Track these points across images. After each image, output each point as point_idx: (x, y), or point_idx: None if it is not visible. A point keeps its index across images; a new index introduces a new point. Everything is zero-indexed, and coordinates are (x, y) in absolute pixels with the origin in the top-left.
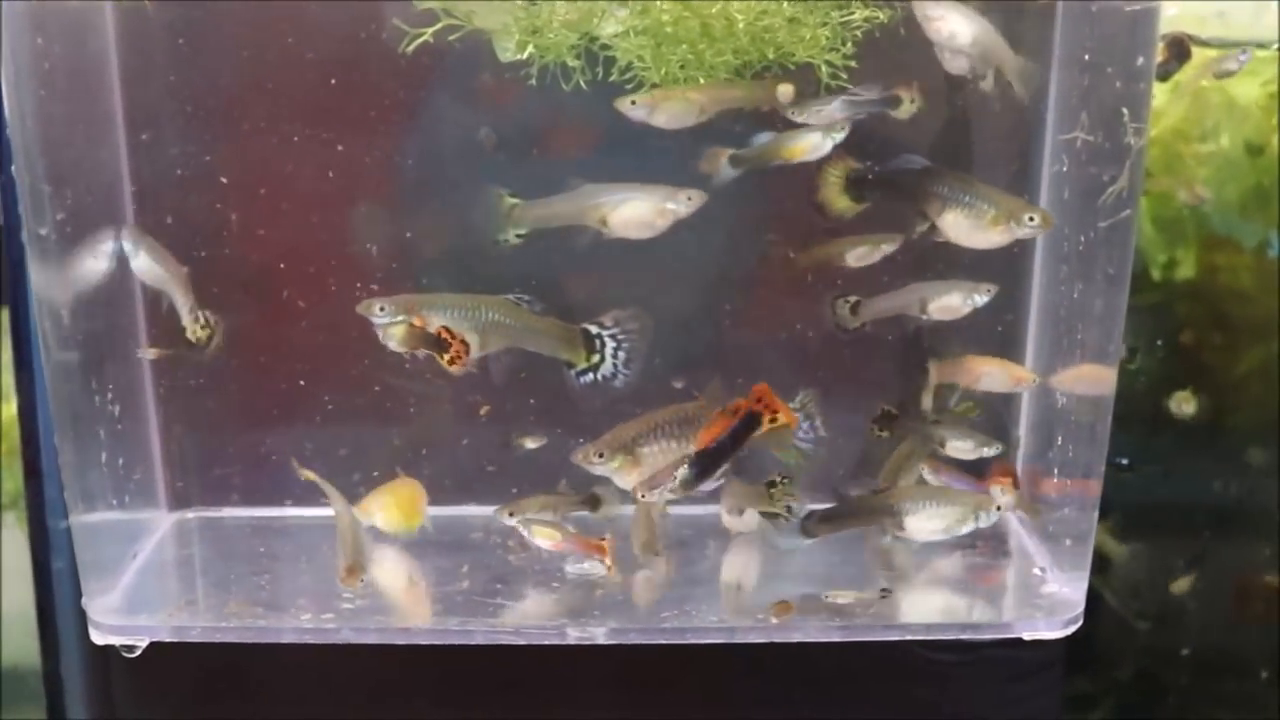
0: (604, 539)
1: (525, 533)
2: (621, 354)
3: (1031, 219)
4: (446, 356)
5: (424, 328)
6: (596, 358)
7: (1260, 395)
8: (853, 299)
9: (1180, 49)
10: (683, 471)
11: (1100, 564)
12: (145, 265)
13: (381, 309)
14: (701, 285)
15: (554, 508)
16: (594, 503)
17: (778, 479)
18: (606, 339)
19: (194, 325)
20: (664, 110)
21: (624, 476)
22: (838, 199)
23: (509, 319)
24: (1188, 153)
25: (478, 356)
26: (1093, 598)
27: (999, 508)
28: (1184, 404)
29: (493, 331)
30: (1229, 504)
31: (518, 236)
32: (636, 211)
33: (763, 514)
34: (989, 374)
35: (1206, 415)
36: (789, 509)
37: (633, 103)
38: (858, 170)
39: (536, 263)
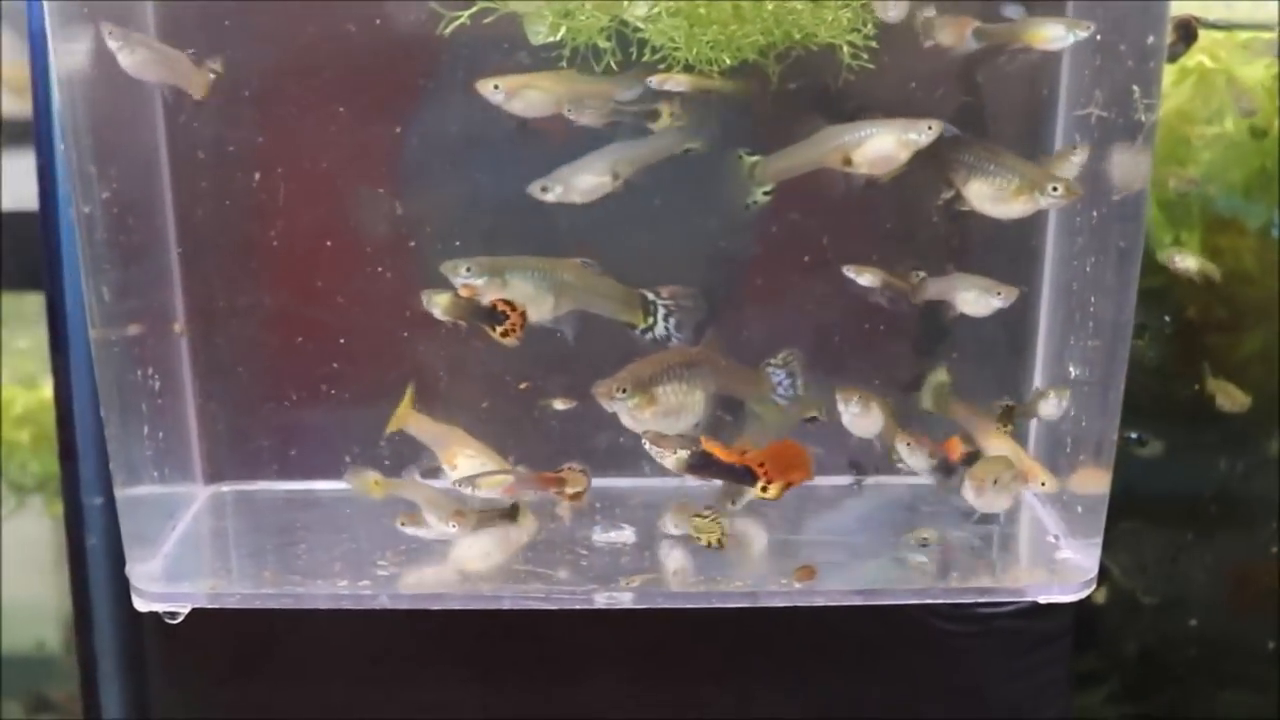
0: (561, 471)
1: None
2: (672, 320)
3: (1055, 189)
4: (501, 329)
5: (473, 298)
6: (651, 319)
7: (1263, 378)
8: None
9: (1187, 31)
10: (680, 455)
11: None
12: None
13: (468, 269)
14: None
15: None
16: (513, 514)
17: (706, 512)
18: (659, 305)
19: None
20: (522, 98)
21: (639, 414)
22: None
23: (580, 281)
24: (1193, 135)
25: (550, 318)
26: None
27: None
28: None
29: (566, 293)
30: (1231, 487)
31: (765, 194)
32: (880, 146)
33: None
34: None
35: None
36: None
37: (495, 87)
38: None
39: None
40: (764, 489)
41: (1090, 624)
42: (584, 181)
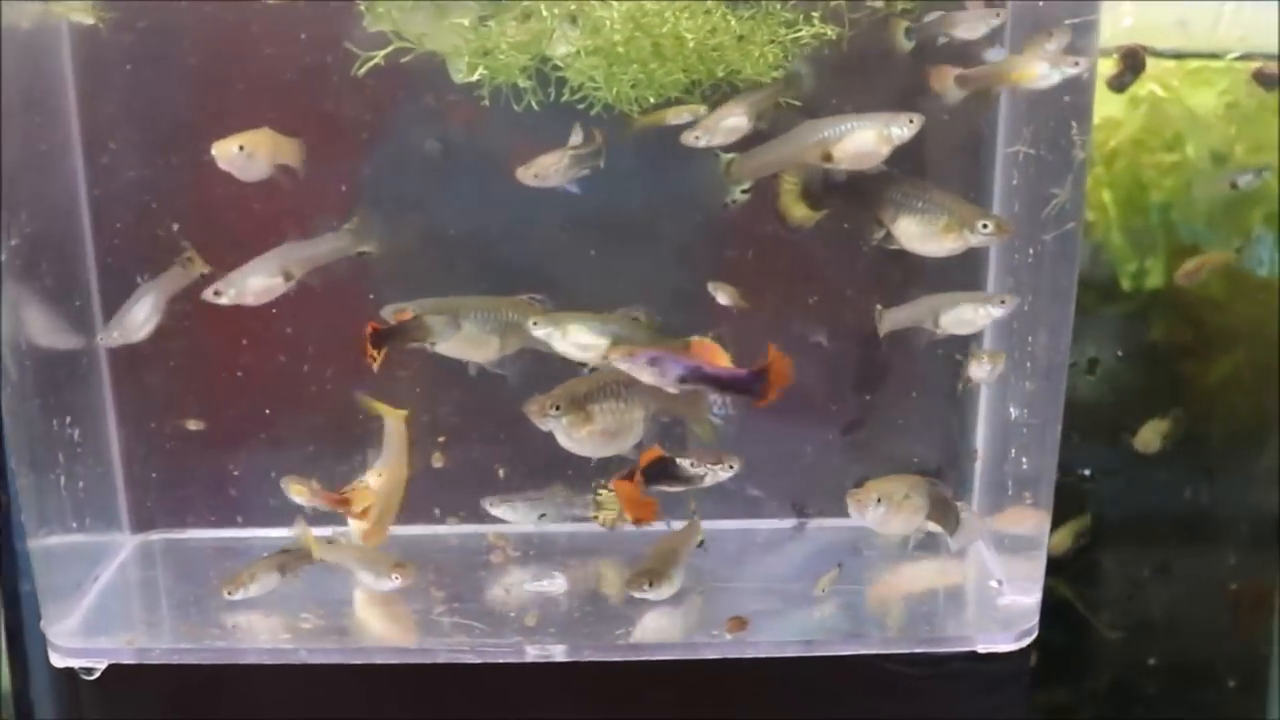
0: (351, 489)
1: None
2: None
3: (985, 226)
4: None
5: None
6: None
7: (1234, 403)
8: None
9: (1135, 60)
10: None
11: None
12: None
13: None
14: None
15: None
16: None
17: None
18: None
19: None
20: None
21: (574, 433)
22: (795, 207)
23: (526, 319)
24: (1150, 163)
25: (496, 360)
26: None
27: None
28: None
29: (512, 332)
30: (1201, 511)
31: (743, 192)
32: (861, 140)
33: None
34: None
35: (1179, 424)
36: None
37: None
38: (813, 178)
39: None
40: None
41: (1055, 659)
42: (256, 283)
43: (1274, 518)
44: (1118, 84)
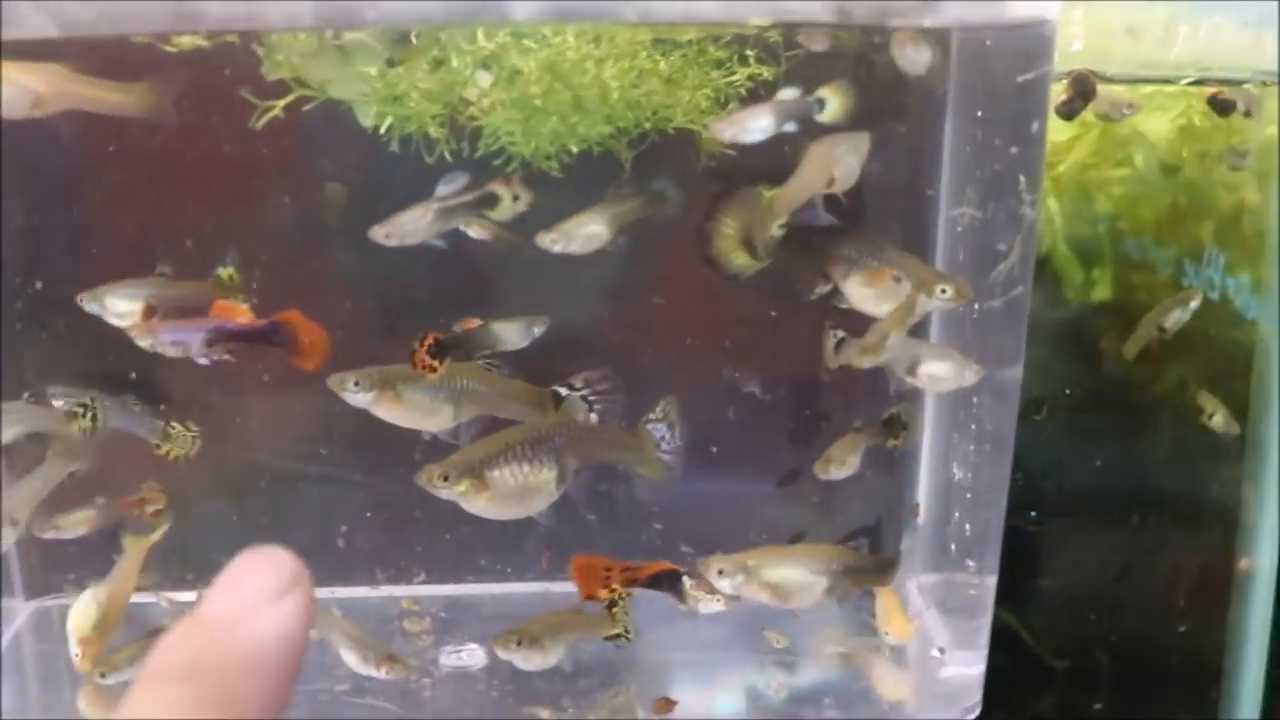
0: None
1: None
2: (594, 415)
3: (944, 290)
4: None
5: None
6: None
7: (1181, 414)
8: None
9: (1084, 86)
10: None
11: None
12: None
13: (356, 383)
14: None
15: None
16: None
17: (618, 597)
18: (578, 399)
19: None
20: None
21: (470, 502)
22: (735, 254)
23: (482, 386)
24: (1099, 178)
25: (450, 428)
26: None
27: None
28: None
29: (466, 400)
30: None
31: (780, 228)
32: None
33: (606, 638)
34: None
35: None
36: (627, 630)
37: None
38: (755, 224)
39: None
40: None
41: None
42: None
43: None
44: (1067, 110)
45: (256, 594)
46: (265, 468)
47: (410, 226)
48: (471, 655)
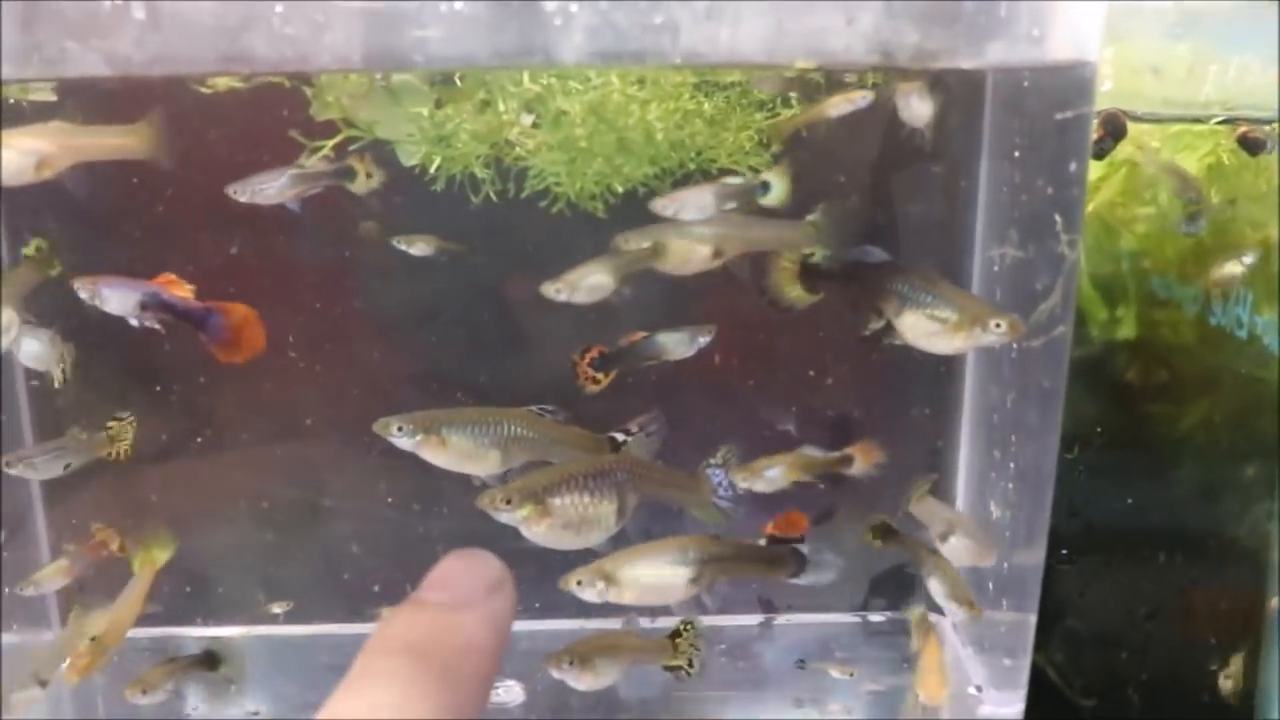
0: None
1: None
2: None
3: (998, 325)
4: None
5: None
6: None
7: (1204, 450)
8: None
9: (1115, 125)
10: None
11: None
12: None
13: (399, 428)
14: None
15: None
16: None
17: (683, 627)
18: (642, 440)
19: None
20: None
21: (532, 528)
22: (790, 287)
23: (533, 432)
24: (1126, 216)
25: (499, 473)
26: None
27: None
28: None
29: (515, 446)
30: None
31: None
32: None
33: (666, 668)
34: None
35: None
36: (691, 662)
37: None
38: (813, 259)
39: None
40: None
41: None
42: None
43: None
44: (1098, 149)
45: (471, 587)
46: (302, 504)
47: (264, 187)
48: (509, 692)
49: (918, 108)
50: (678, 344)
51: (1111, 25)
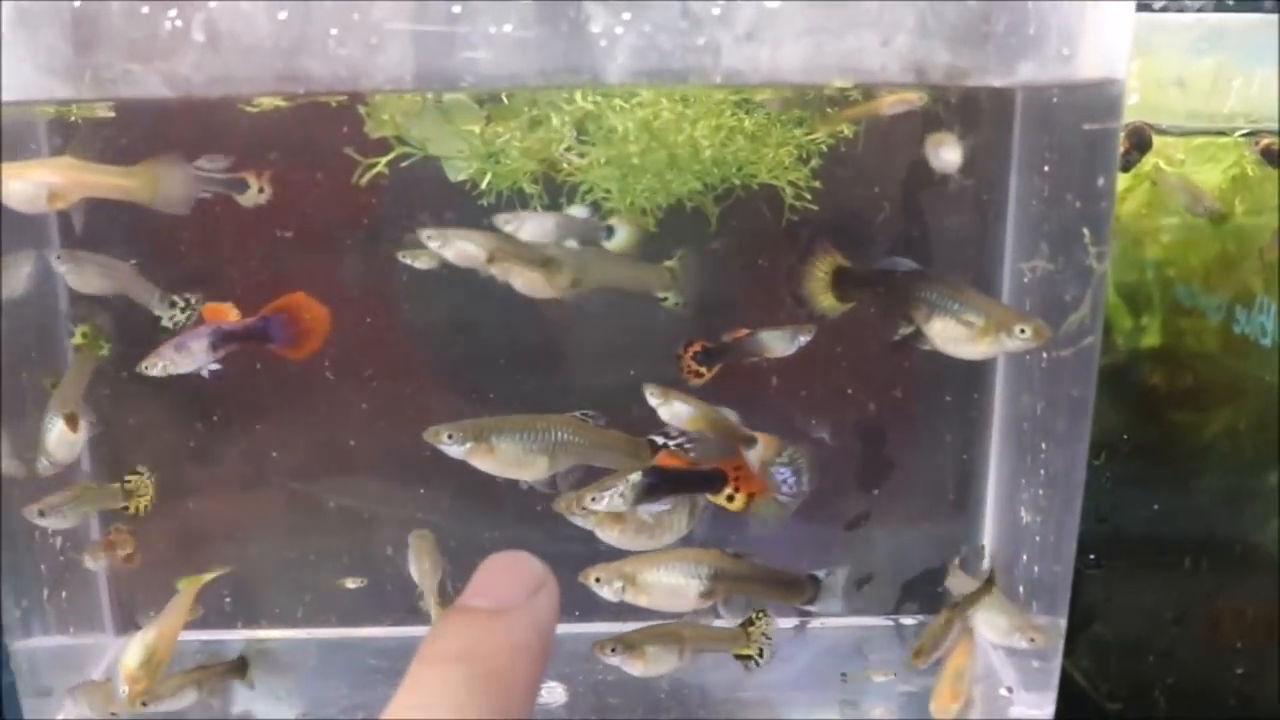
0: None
1: None
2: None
3: (1023, 330)
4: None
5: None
6: None
7: (1228, 457)
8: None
9: (1141, 138)
10: (635, 479)
11: None
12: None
13: (449, 436)
14: None
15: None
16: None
17: (755, 614)
18: (673, 449)
19: (170, 311)
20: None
21: (607, 531)
22: (822, 295)
23: (577, 436)
24: (1150, 226)
25: (545, 478)
26: None
27: None
28: None
29: (561, 452)
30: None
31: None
32: None
33: (737, 656)
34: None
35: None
36: (761, 651)
37: None
38: (845, 268)
39: None
40: (730, 498)
41: None
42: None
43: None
44: (1124, 162)
45: (514, 590)
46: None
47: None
48: (551, 693)
49: (948, 157)
50: (778, 341)
51: (1138, 39)
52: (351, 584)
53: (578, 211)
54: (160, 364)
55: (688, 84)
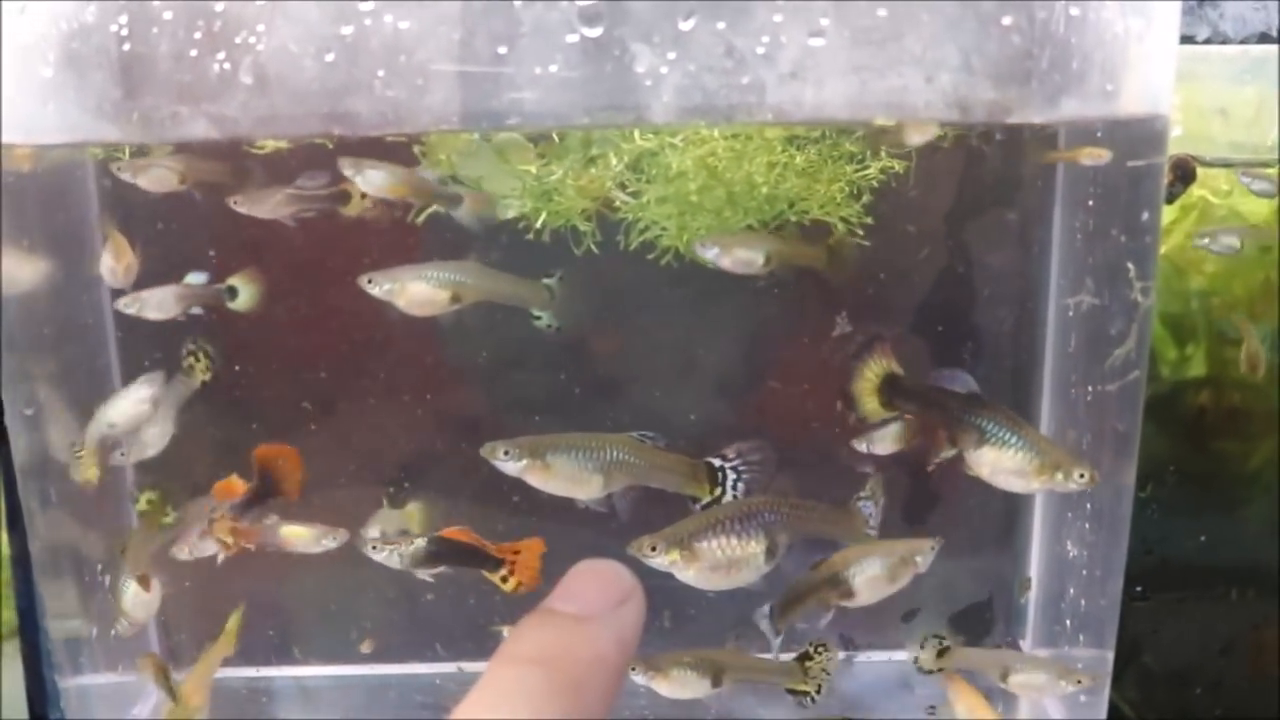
0: None
1: None
2: (741, 485)
3: (1081, 475)
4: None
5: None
6: (719, 490)
7: (1274, 487)
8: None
9: (1185, 171)
10: (418, 544)
11: None
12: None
13: (506, 452)
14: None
15: None
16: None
17: (813, 648)
18: (729, 471)
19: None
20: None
21: (681, 571)
22: (868, 399)
23: (634, 458)
24: (1195, 257)
25: (600, 497)
26: None
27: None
28: None
29: (616, 471)
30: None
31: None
32: None
33: (790, 691)
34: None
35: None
36: (820, 688)
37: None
38: (896, 376)
39: None
40: (504, 579)
41: None
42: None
43: None
44: (1168, 194)
45: (600, 599)
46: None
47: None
48: None
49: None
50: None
51: (1180, 71)
52: (366, 649)
53: (195, 278)
54: (186, 549)
55: (732, 122)
